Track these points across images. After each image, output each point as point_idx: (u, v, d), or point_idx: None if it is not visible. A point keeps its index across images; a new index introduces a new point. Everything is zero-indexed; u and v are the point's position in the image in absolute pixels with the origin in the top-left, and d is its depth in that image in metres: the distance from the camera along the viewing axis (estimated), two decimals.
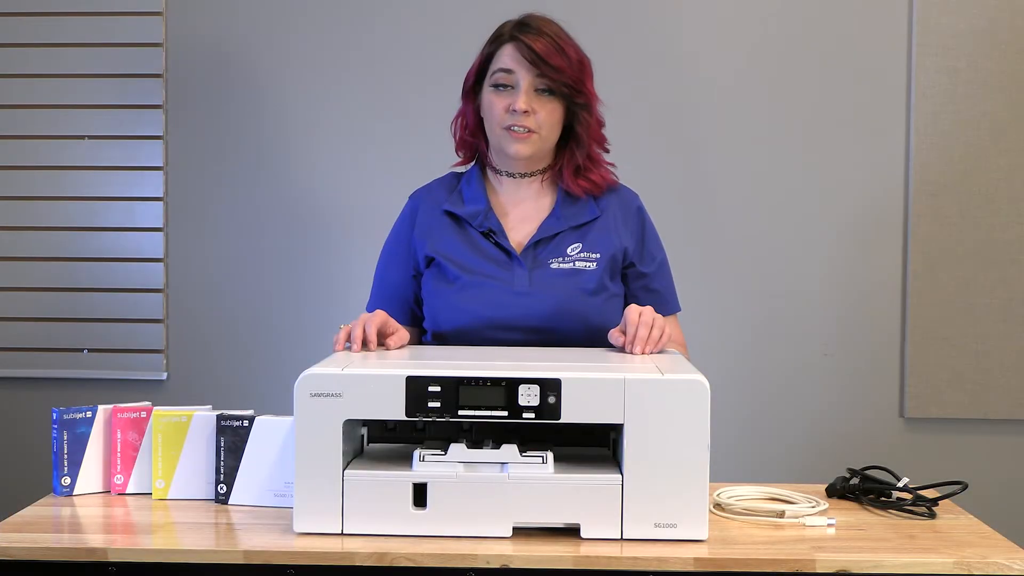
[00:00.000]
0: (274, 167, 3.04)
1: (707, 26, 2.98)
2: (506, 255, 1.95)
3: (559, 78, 1.91)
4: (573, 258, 1.95)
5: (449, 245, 1.97)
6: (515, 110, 1.90)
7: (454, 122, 2.06)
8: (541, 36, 1.91)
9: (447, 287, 1.95)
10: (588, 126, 1.98)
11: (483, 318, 1.91)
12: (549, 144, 1.97)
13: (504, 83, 1.93)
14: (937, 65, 2.94)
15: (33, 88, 3.05)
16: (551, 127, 1.95)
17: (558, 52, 1.91)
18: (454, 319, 1.93)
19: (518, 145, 1.93)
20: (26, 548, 1.45)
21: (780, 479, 2.05)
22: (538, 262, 1.95)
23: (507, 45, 1.93)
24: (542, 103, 1.92)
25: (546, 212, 2.00)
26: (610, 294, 1.97)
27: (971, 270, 2.96)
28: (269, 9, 3.02)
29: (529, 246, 1.96)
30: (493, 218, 1.98)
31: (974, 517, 1.63)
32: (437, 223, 2.00)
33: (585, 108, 1.96)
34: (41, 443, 1.98)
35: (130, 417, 1.73)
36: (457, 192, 2.03)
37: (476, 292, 1.92)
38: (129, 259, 3.06)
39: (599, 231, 1.99)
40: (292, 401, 1.46)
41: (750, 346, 3.00)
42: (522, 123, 1.91)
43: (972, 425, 2.99)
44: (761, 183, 2.99)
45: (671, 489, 1.45)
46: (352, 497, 1.47)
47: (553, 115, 1.94)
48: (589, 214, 1.99)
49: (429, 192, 2.06)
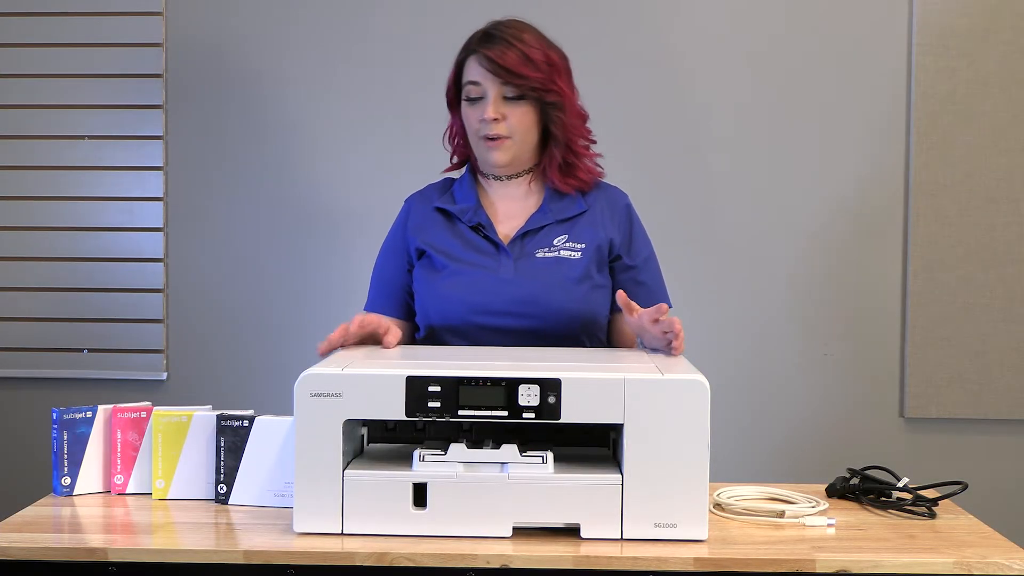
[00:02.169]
0: (274, 167, 3.04)
1: (706, 26, 2.98)
2: (494, 246, 2.00)
3: (524, 83, 1.95)
4: (558, 247, 1.99)
5: (439, 238, 2.02)
6: (485, 119, 1.95)
7: (446, 135, 2.12)
8: (505, 45, 1.95)
9: (435, 276, 2.00)
10: (563, 124, 2.00)
11: (469, 304, 1.95)
12: (527, 147, 2.02)
13: (474, 95, 1.98)
14: (937, 65, 2.94)
15: (33, 88, 3.05)
16: (525, 130, 1.99)
17: (522, 60, 1.94)
18: (441, 307, 1.97)
19: (494, 153, 1.99)
20: (26, 548, 1.45)
21: (780, 479, 2.04)
22: (524, 252, 1.99)
23: (472, 58, 1.99)
24: (511, 108, 1.97)
25: (534, 208, 2.04)
26: (595, 284, 1.99)
27: (971, 270, 2.96)
28: (269, 9, 3.02)
29: (516, 237, 2.00)
30: (482, 213, 2.03)
31: (974, 517, 1.63)
32: (429, 220, 2.06)
33: (557, 107, 1.99)
34: (41, 443, 1.98)
35: (130, 417, 1.73)
36: (449, 193, 2.09)
37: (462, 279, 1.97)
38: (129, 259, 3.06)
39: (585, 224, 2.02)
40: (292, 401, 1.46)
41: (750, 346, 3.00)
42: (494, 131, 1.97)
43: (972, 425, 2.99)
44: (761, 183, 2.99)
45: (671, 489, 1.45)
46: (352, 497, 1.47)
47: (525, 118, 1.98)
48: (576, 208, 2.03)
49: (423, 195, 2.13)
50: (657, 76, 2.99)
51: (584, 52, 2.23)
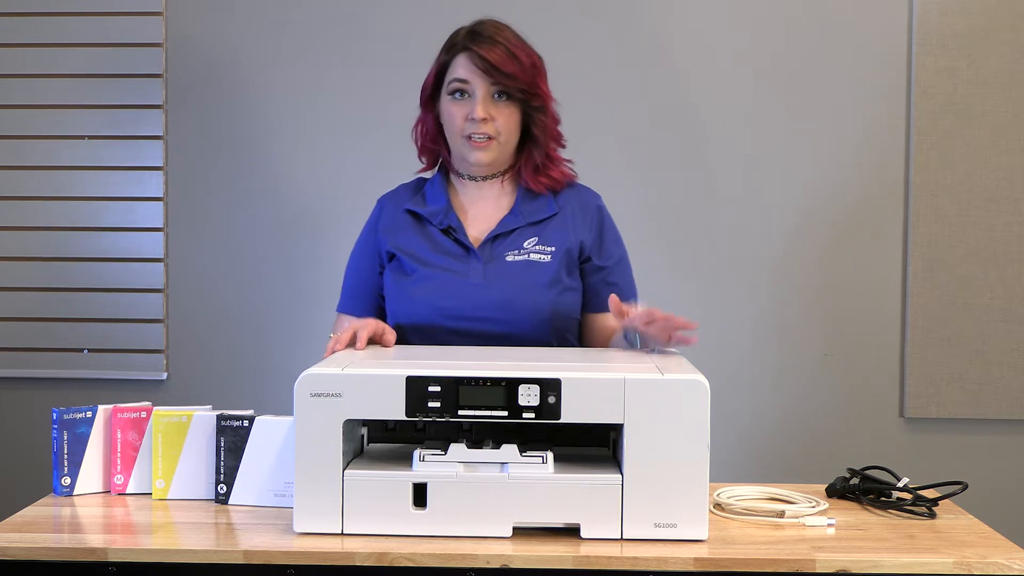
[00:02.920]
0: (274, 167, 3.04)
1: (705, 26, 2.98)
2: (464, 249, 2.00)
3: (514, 84, 1.96)
4: (528, 250, 1.99)
5: (409, 241, 2.03)
6: (473, 119, 1.95)
7: (414, 129, 2.11)
8: (494, 44, 1.96)
9: (404, 280, 2.00)
10: (545, 127, 2.02)
11: (437, 308, 1.95)
12: (509, 148, 2.02)
13: (460, 93, 1.98)
14: (937, 65, 2.94)
15: (33, 88, 3.05)
16: (510, 132, 2.00)
17: (511, 59, 1.95)
18: (410, 311, 1.97)
19: (479, 153, 1.99)
20: (26, 548, 1.45)
21: (780, 479, 2.05)
22: (494, 255, 1.99)
23: (460, 55, 1.98)
24: (499, 109, 1.97)
25: (506, 210, 2.04)
26: (565, 287, 1.99)
27: (971, 270, 2.96)
28: (269, 9, 3.02)
29: (487, 241, 2.00)
30: (453, 216, 2.02)
31: (974, 517, 1.63)
32: (399, 222, 2.06)
33: (541, 110, 2.01)
34: (41, 443, 1.98)
35: (130, 417, 1.73)
36: (421, 194, 2.09)
37: (431, 284, 1.97)
38: (129, 259, 3.06)
39: (556, 227, 2.02)
40: (292, 401, 1.46)
41: (750, 346, 3.00)
42: (481, 131, 1.97)
43: (972, 425, 2.99)
44: (761, 182, 2.98)
45: (671, 489, 1.45)
46: (352, 497, 1.47)
47: (511, 120, 1.99)
48: (548, 211, 2.03)
49: (394, 195, 2.13)
50: (655, 77, 2.98)
51: (582, 51, 2.24)
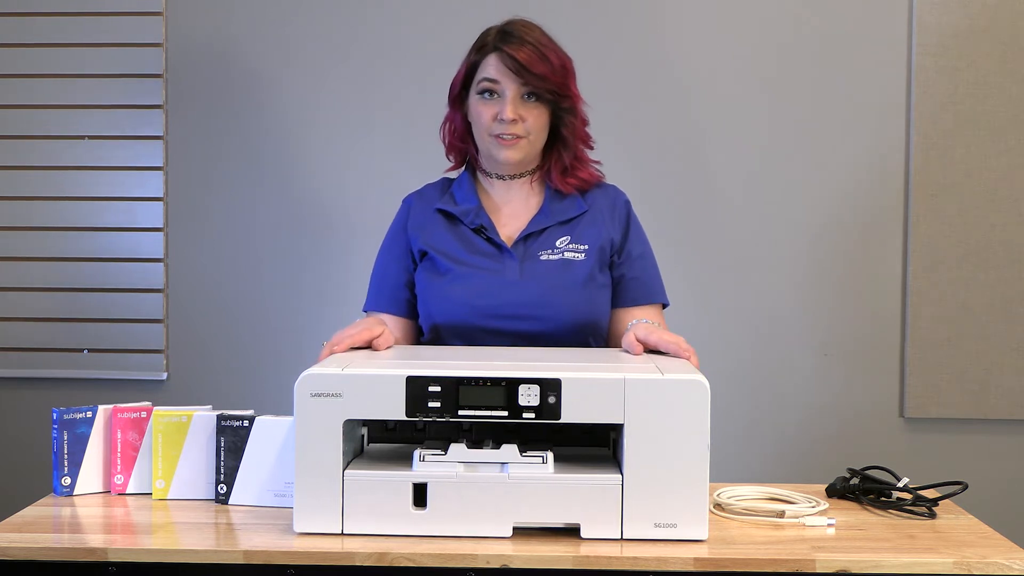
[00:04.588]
0: (274, 167, 3.04)
1: (706, 26, 2.98)
2: (497, 249, 1.99)
3: (544, 85, 1.95)
4: (562, 250, 1.99)
5: (441, 240, 2.02)
6: (503, 119, 1.95)
7: (442, 128, 2.11)
8: (524, 44, 1.95)
9: (439, 279, 1.99)
10: (573, 128, 2.02)
11: (474, 307, 1.94)
12: (537, 148, 2.02)
13: (490, 93, 1.97)
14: (937, 65, 2.94)
15: (33, 88, 3.05)
16: (539, 132, 1.99)
17: (541, 59, 1.95)
18: (446, 310, 1.96)
19: (507, 152, 1.98)
20: (26, 548, 1.45)
21: (780, 479, 2.05)
22: (528, 254, 1.98)
23: (491, 55, 1.97)
24: (528, 109, 1.97)
25: (535, 210, 2.04)
26: (599, 284, 2.00)
27: (971, 270, 2.96)
28: (269, 9, 3.02)
29: (519, 240, 2.00)
30: (484, 215, 2.02)
31: (974, 517, 1.63)
32: (430, 220, 2.05)
33: (570, 111, 2.01)
34: (41, 443, 1.98)
35: (130, 417, 1.73)
36: (449, 194, 2.08)
37: (467, 282, 1.96)
38: (129, 259, 3.06)
39: (587, 224, 2.02)
40: (292, 401, 1.46)
41: (750, 346, 3.00)
42: (511, 131, 1.96)
43: (972, 425, 2.99)
44: (760, 182, 2.99)
45: (671, 489, 1.45)
46: (352, 497, 1.47)
47: (540, 120, 1.98)
48: (577, 209, 2.03)
49: (421, 195, 2.12)
50: (657, 77, 2.99)
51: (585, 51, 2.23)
